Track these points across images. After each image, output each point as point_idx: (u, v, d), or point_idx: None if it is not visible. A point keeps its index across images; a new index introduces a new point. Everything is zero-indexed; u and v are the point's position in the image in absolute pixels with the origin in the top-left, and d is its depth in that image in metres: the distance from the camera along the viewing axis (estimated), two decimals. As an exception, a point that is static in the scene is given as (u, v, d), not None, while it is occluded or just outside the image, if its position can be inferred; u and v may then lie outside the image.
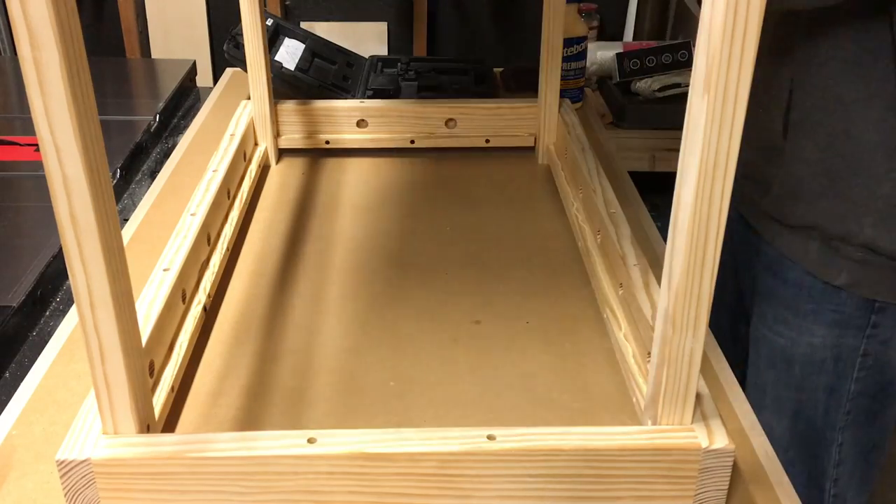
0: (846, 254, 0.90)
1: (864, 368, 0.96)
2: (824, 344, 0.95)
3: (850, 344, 0.94)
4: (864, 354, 0.95)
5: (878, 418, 1.00)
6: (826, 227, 0.91)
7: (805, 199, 0.91)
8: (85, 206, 0.49)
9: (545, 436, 0.58)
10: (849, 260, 0.90)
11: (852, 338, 0.94)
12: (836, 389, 0.97)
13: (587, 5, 2.15)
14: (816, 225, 0.92)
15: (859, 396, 0.97)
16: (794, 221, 0.94)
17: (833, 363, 0.96)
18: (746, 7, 0.45)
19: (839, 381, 0.97)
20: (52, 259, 0.98)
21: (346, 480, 0.58)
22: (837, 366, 0.96)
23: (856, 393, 0.97)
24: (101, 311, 0.52)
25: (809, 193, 0.91)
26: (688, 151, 0.50)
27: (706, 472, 0.59)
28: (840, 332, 0.94)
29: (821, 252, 0.93)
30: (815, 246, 0.93)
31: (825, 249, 0.92)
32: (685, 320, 0.55)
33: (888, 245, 0.88)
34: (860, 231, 0.88)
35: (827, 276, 0.92)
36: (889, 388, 0.98)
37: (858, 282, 0.91)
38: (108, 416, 0.57)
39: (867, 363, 0.95)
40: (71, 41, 0.46)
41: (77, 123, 0.47)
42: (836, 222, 0.90)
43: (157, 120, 1.42)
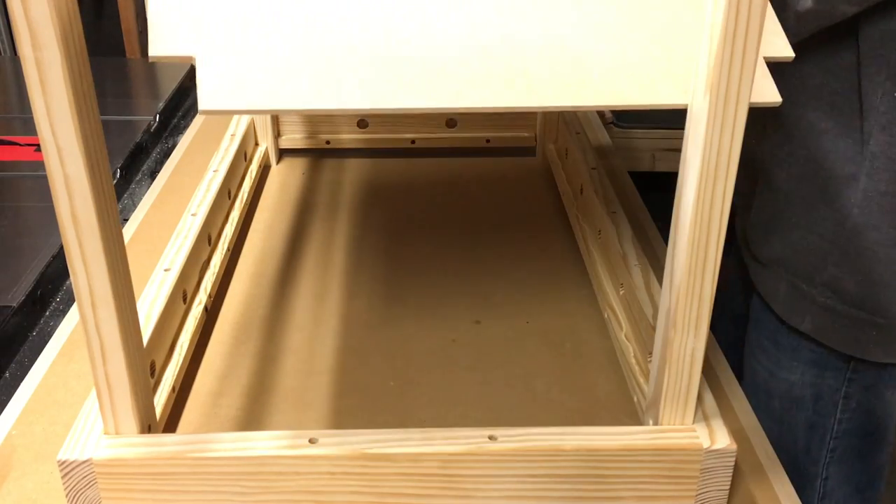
0: (811, 297, 0.85)
1: (847, 410, 0.90)
2: (803, 381, 0.90)
3: (831, 385, 0.89)
4: (846, 397, 0.89)
5: (868, 459, 0.94)
6: (793, 263, 0.86)
7: (778, 231, 0.87)
8: (86, 206, 0.49)
9: (546, 436, 0.58)
10: (813, 304, 0.85)
11: (832, 379, 0.88)
12: (817, 426, 0.91)
13: (587, 5, 2.15)
14: (784, 259, 0.87)
15: (845, 436, 0.91)
16: (766, 256, 0.90)
17: (813, 402, 0.90)
18: (748, 7, 0.45)
19: (820, 419, 0.91)
20: (52, 259, 0.98)
21: (347, 480, 0.58)
22: (818, 404, 0.90)
23: (840, 432, 0.91)
24: (102, 310, 0.52)
25: (783, 225, 0.86)
26: (689, 151, 0.50)
27: (707, 472, 0.59)
28: (818, 371, 0.89)
29: (788, 294, 0.88)
30: (783, 287, 0.88)
31: (791, 291, 0.87)
32: (687, 320, 0.55)
33: (849, 287, 0.83)
34: (824, 268, 0.84)
35: (792, 320, 0.88)
36: (877, 433, 0.92)
37: (823, 329, 0.86)
38: (109, 416, 0.57)
39: (850, 405, 0.90)
40: (72, 41, 0.46)
41: (78, 123, 0.47)
42: (802, 256, 0.85)
43: (157, 120, 1.42)
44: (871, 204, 0.80)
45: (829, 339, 0.87)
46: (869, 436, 0.92)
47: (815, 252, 0.85)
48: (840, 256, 0.83)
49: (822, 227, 0.83)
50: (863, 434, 0.92)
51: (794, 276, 0.87)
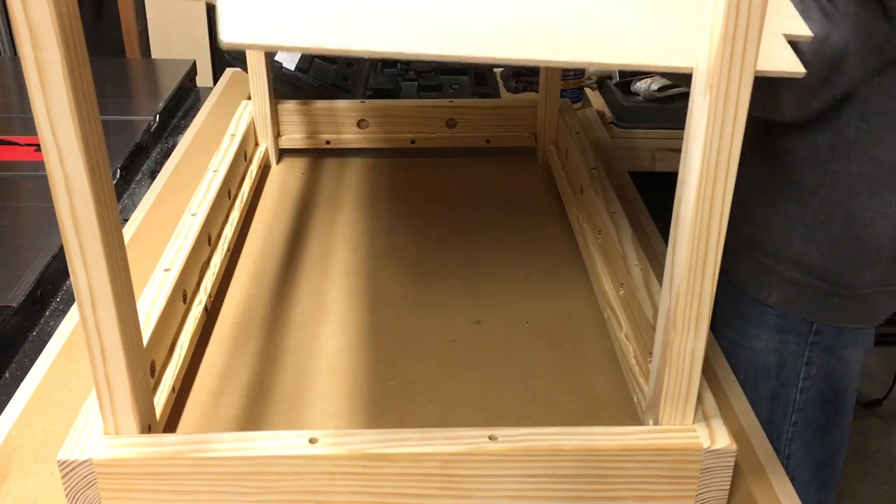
0: (777, 272, 0.89)
1: (808, 378, 0.93)
2: (767, 348, 0.93)
3: (793, 350, 0.92)
4: (807, 363, 0.93)
5: (828, 432, 0.97)
6: (761, 241, 0.90)
7: (744, 212, 0.90)
8: (86, 206, 0.49)
9: (546, 436, 0.58)
10: (780, 279, 0.89)
11: (794, 344, 0.92)
12: (779, 397, 0.94)
13: (587, 5, 2.15)
14: (752, 239, 0.91)
15: (806, 406, 0.95)
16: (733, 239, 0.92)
17: (776, 370, 0.94)
18: (748, 7, 0.45)
19: (783, 389, 0.94)
20: (52, 259, 0.98)
21: (347, 480, 0.58)
22: (780, 373, 0.93)
23: (801, 402, 0.94)
24: (102, 310, 0.52)
25: (753, 208, 0.90)
26: (689, 151, 0.50)
27: (707, 472, 0.59)
28: (782, 336, 0.92)
29: (753, 271, 0.92)
30: (749, 265, 0.92)
31: (758, 268, 0.91)
32: (687, 320, 0.55)
33: (815, 262, 0.87)
34: (790, 245, 0.88)
35: (759, 295, 0.92)
36: (836, 400, 0.95)
37: (790, 302, 0.90)
38: (109, 416, 0.57)
39: (811, 372, 0.93)
40: (72, 40, 0.46)
41: (78, 123, 0.47)
42: (769, 235, 0.89)
43: (157, 120, 1.42)
44: (840, 183, 0.83)
45: (795, 311, 0.91)
46: (828, 404, 0.95)
47: (782, 229, 0.88)
48: (805, 232, 0.87)
49: (789, 205, 0.87)
50: (822, 403, 0.95)
51: (761, 254, 0.90)
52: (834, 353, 0.92)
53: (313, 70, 1.39)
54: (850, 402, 0.97)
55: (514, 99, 1.45)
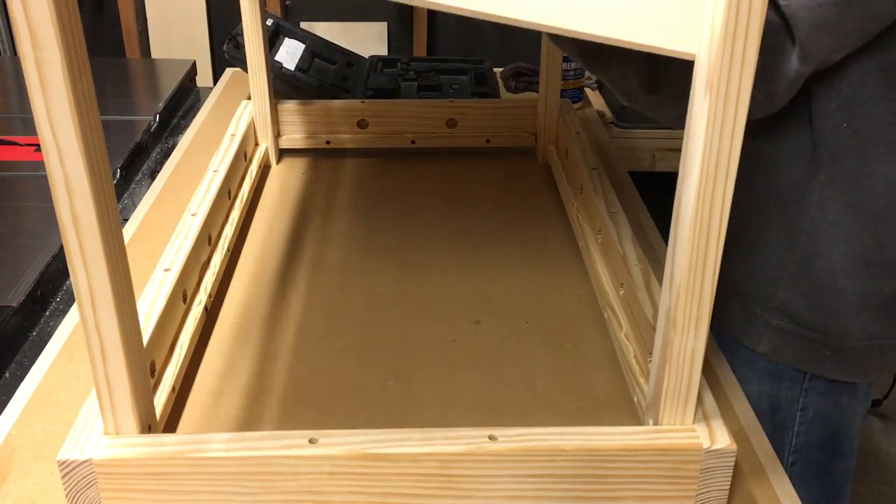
0: (765, 320, 0.85)
1: (804, 422, 0.89)
2: (759, 393, 0.89)
3: (787, 396, 0.88)
4: (802, 408, 0.88)
5: (827, 474, 0.93)
6: (746, 287, 0.86)
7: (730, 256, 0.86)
8: (86, 206, 0.49)
9: (546, 436, 0.58)
10: (768, 327, 0.85)
11: (789, 390, 0.88)
12: (775, 440, 0.86)
13: (587, 5, 2.15)
14: (736, 285, 0.87)
15: (804, 449, 0.90)
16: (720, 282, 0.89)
17: (770, 414, 0.89)
18: (748, 7, 0.45)
19: (779, 432, 0.90)
20: (53, 259, 0.98)
21: (347, 481, 0.58)
22: (775, 417, 0.89)
23: (799, 446, 0.90)
24: (102, 310, 0.52)
25: (736, 252, 0.84)
26: (690, 152, 0.50)
27: (708, 472, 0.59)
28: (774, 382, 0.88)
29: (741, 318, 0.88)
30: (737, 310, 0.88)
31: (746, 315, 0.87)
32: (687, 320, 0.55)
33: (800, 311, 0.83)
34: (774, 293, 0.84)
35: (749, 343, 0.88)
36: (835, 443, 0.91)
37: (780, 350, 0.86)
38: (109, 416, 0.57)
39: (807, 416, 0.89)
40: (72, 41, 0.46)
41: (78, 123, 0.47)
42: (754, 281, 0.85)
43: (157, 120, 1.42)
44: (818, 232, 0.79)
45: (786, 359, 0.86)
46: (827, 446, 0.92)
47: (766, 277, 0.84)
48: (790, 281, 0.82)
49: (772, 253, 0.83)
50: (821, 446, 0.91)
51: (748, 301, 0.87)
52: (829, 398, 0.88)
53: (313, 70, 1.39)
54: (850, 447, 0.93)
55: (514, 99, 1.45)
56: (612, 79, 0.78)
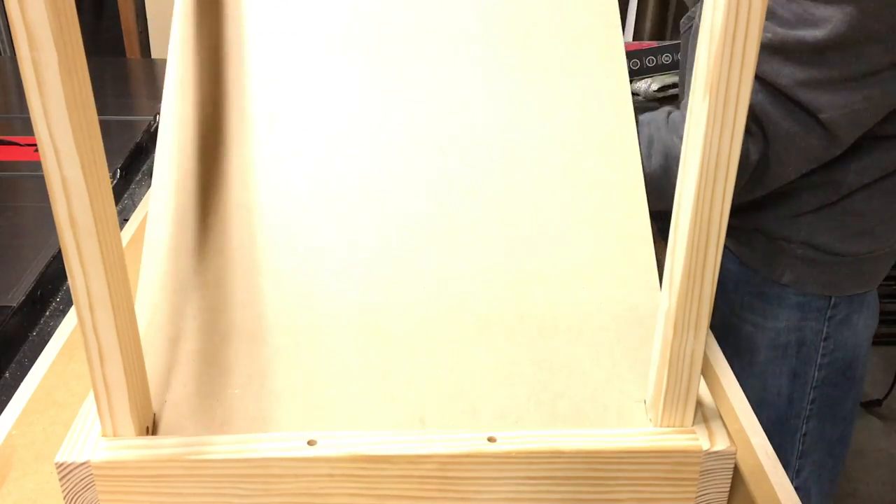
0: (789, 251, 0.93)
1: (826, 353, 0.98)
2: (788, 327, 0.97)
3: (813, 327, 0.97)
4: (826, 338, 0.97)
5: (841, 408, 1.02)
6: (772, 226, 0.94)
7: (759, 202, 0.94)
8: (84, 208, 0.49)
9: (546, 438, 0.58)
10: (792, 257, 0.93)
11: (814, 321, 0.96)
12: (799, 375, 0.99)
13: (587, 5, 2.15)
14: (762, 223, 0.95)
15: (823, 384, 0.99)
16: (742, 224, 0.97)
17: (797, 347, 0.98)
18: (748, 8, 0.45)
19: (803, 367, 0.98)
20: (52, 259, 0.98)
21: (346, 482, 0.58)
22: (801, 350, 0.98)
23: (819, 380, 0.99)
24: (100, 313, 0.52)
25: (765, 197, 0.93)
26: (689, 153, 0.50)
27: (707, 474, 0.58)
28: (803, 314, 0.96)
29: (765, 251, 0.96)
30: (761, 245, 0.96)
31: (769, 248, 0.95)
32: (686, 321, 0.54)
33: (825, 239, 0.91)
34: (799, 229, 0.92)
35: (772, 274, 0.96)
36: (848, 372, 1.00)
37: (802, 279, 0.94)
38: (107, 418, 0.56)
39: (829, 347, 0.97)
40: (70, 41, 0.46)
41: (76, 125, 0.47)
42: (782, 221, 0.93)
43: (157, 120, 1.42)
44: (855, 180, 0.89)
45: (808, 287, 0.95)
46: (843, 377, 1.00)
47: (796, 216, 0.92)
48: (818, 217, 0.91)
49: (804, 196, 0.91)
50: (837, 379, 1.00)
51: (773, 236, 0.95)
52: (848, 324, 0.97)
53: (313, 70, 1.39)
54: (860, 371, 1.01)
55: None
56: None
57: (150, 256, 0.66)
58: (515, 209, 0.68)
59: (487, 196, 0.68)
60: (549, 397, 0.61)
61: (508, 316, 0.65)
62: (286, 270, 0.67)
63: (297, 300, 0.66)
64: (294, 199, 0.68)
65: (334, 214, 0.68)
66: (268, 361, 0.64)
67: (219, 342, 0.64)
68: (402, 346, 0.64)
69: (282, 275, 0.66)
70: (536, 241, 0.67)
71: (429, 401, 0.62)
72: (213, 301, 0.65)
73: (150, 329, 0.63)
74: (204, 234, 0.67)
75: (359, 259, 0.67)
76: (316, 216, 0.68)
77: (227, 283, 0.66)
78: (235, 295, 0.65)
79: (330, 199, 0.69)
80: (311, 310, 0.66)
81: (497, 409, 0.61)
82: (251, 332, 0.65)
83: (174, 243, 0.66)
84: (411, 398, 0.62)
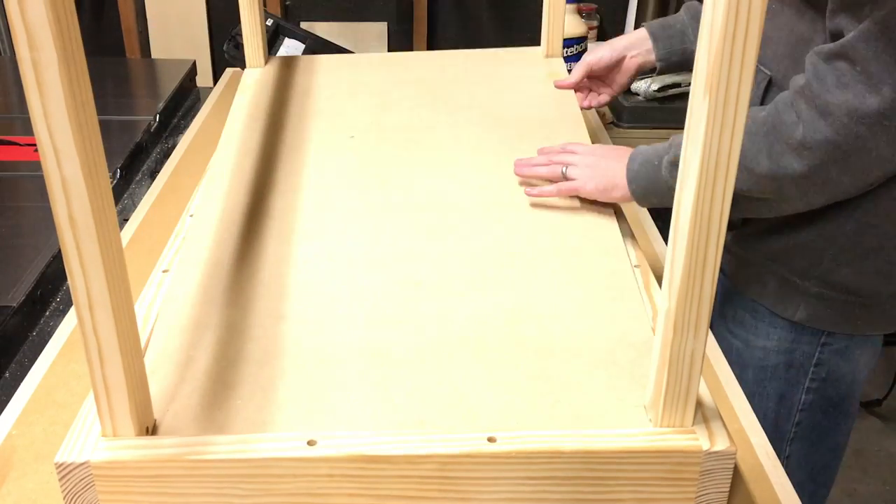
0: (803, 289, 0.88)
1: (816, 379, 0.93)
2: (778, 349, 0.93)
3: (805, 350, 0.92)
4: (817, 364, 0.92)
5: (829, 438, 0.97)
6: (786, 261, 0.89)
7: (776, 231, 0.90)
8: (84, 209, 0.49)
9: (545, 438, 0.58)
10: (807, 295, 0.89)
11: (807, 344, 0.92)
12: (786, 398, 0.95)
13: (587, 5, 2.15)
14: (775, 257, 0.90)
15: (810, 409, 0.95)
16: (756, 256, 0.92)
17: (785, 369, 0.94)
18: (748, 8, 0.45)
19: (790, 389, 0.94)
20: (52, 259, 0.98)
21: (345, 483, 0.58)
22: (789, 372, 0.93)
23: (806, 404, 0.95)
24: (99, 313, 0.52)
25: (780, 226, 0.88)
26: (689, 152, 0.50)
27: (707, 474, 0.58)
28: (795, 336, 0.92)
29: (777, 288, 0.91)
30: (773, 282, 0.91)
31: (782, 285, 0.90)
32: (686, 322, 0.54)
33: (841, 279, 0.86)
34: (819, 263, 0.87)
35: (783, 311, 0.91)
36: (841, 405, 0.95)
37: (816, 316, 0.89)
38: (107, 418, 0.56)
39: (820, 374, 0.93)
40: (69, 42, 0.46)
41: (76, 125, 0.47)
42: (797, 255, 0.88)
43: (157, 120, 1.42)
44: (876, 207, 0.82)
45: (820, 324, 0.90)
46: (834, 408, 0.96)
47: (811, 249, 0.87)
48: (836, 252, 0.86)
49: (821, 227, 0.85)
50: (827, 406, 0.95)
51: (787, 272, 0.89)
52: (844, 356, 0.92)
53: (313, 70, 1.39)
54: (854, 407, 0.97)
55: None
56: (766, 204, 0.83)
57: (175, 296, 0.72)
58: (509, 271, 0.77)
59: (484, 263, 0.78)
60: (547, 402, 0.62)
61: (506, 343, 0.69)
62: (295, 312, 0.73)
63: (304, 334, 0.70)
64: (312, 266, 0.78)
65: (344, 275, 0.77)
66: (271, 379, 0.65)
67: (226, 365, 0.66)
68: (404, 365, 0.67)
69: (292, 316, 0.72)
70: (529, 291, 0.74)
71: (429, 407, 0.62)
72: (225, 334, 0.69)
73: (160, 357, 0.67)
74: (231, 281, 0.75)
75: (364, 305, 0.74)
76: (328, 276, 0.77)
77: (240, 322, 0.70)
78: (246, 332, 0.70)
79: (342, 264, 0.78)
80: (317, 340, 0.70)
81: (496, 413, 0.61)
82: (258, 358, 0.67)
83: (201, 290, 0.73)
84: (412, 405, 0.63)
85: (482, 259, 0.78)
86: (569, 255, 0.77)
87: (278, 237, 0.80)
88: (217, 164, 0.90)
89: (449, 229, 0.82)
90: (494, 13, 2.25)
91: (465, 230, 0.81)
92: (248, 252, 0.78)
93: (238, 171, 0.88)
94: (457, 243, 0.80)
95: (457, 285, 0.75)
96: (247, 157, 0.91)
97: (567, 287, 0.74)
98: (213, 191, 0.86)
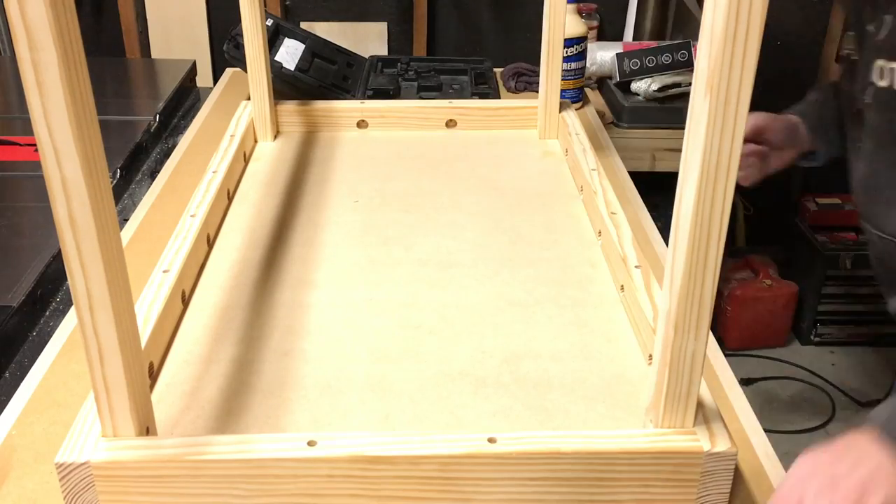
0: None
1: None
2: None
3: None
4: None
5: None
6: None
7: None
8: (84, 209, 0.49)
9: (546, 438, 0.58)
10: None
11: None
12: None
13: (587, 5, 2.15)
14: None
15: None
16: None
17: None
18: (748, 9, 0.45)
19: None
20: (52, 259, 0.98)
21: (346, 483, 0.58)
22: None
23: None
24: (100, 313, 0.52)
25: None
26: (690, 152, 0.50)
27: (708, 475, 0.58)
28: None
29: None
30: None
31: None
32: (687, 322, 0.54)
33: None
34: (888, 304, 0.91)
35: None
36: None
37: None
38: (107, 418, 0.56)
39: None
40: (69, 42, 0.46)
41: (76, 125, 0.47)
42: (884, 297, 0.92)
43: (157, 120, 1.42)
44: None
45: None
46: None
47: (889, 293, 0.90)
48: None
49: None
50: None
51: None
52: None
53: (313, 70, 1.39)
54: None
55: (514, 99, 1.45)
56: None
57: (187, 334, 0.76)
58: (508, 317, 0.79)
59: (483, 310, 0.80)
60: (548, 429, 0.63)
61: (505, 378, 0.71)
62: (300, 349, 0.75)
63: (308, 368, 0.73)
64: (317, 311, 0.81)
65: (348, 319, 0.80)
66: (275, 408, 0.67)
67: (231, 395, 0.68)
68: (404, 396, 0.69)
69: (296, 352, 0.75)
70: (528, 334, 0.77)
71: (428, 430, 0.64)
72: (232, 368, 0.72)
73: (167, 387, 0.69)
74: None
75: (367, 344, 0.76)
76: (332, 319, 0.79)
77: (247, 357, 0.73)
78: (252, 366, 0.72)
79: (346, 310, 0.81)
80: (320, 373, 0.72)
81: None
82: (263, 388, 0.69)
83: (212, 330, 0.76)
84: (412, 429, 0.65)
85: (481, 307, 0.80)
86: (566, 305, 0.80)
87: (285, 286, 0.84)
88: (233, 220, 0.95)
89: (449, 280, 0.85)
90: (494, 13, 2.25)
91: (465, 282, 0.84)
92: (257, 298, 0.81)
93: (248, 230, 0.93)
94: (456, 293, 0.83)
95: (456, 328, 0.77)
96: (257, 218, 0.96)
97: (564, 331, 0.77)
98: (229, 242, 0.91)
